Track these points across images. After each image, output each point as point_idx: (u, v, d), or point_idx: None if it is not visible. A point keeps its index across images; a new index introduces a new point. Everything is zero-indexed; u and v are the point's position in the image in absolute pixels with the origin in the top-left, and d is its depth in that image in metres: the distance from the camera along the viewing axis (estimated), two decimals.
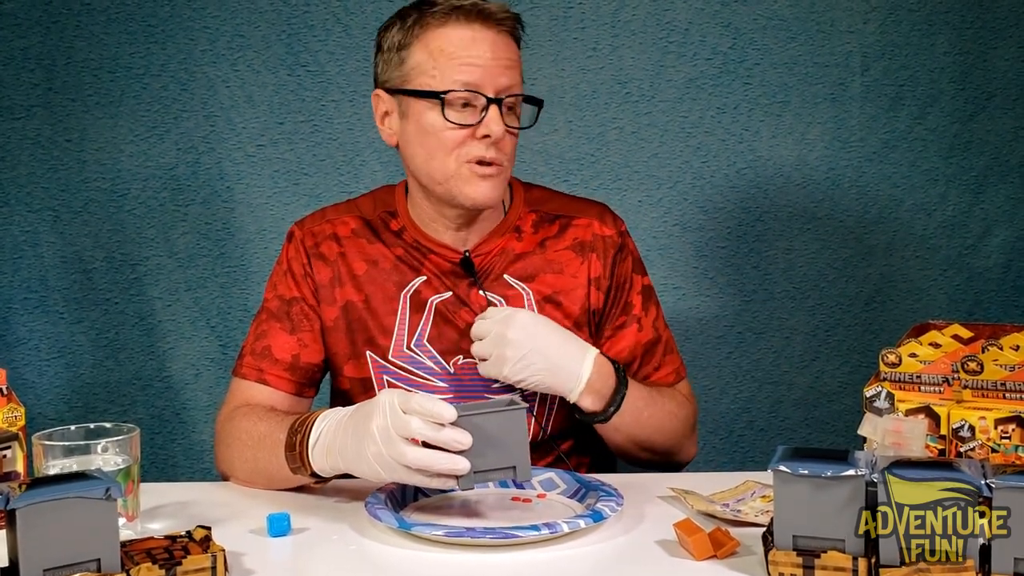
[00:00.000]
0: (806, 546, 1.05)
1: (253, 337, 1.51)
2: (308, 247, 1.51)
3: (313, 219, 1.55)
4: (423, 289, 1.49)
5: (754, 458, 2.16)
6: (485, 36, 1.39)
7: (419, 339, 1.48)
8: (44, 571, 1.00)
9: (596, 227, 1.53)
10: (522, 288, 1.50)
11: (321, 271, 1.50)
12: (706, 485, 1.34)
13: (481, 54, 1.38)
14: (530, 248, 1.51)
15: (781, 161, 2.15)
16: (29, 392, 2.10)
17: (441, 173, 1.42)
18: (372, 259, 1.50)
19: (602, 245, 1.52)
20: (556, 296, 1.50)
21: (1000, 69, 2.12)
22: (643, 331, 1.53)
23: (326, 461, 1.25)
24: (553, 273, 1.51)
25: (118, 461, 1.20)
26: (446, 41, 1.39)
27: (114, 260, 2.14)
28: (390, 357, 1.48)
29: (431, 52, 1.40)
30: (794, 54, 2.13)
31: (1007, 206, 2.14)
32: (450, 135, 1.39)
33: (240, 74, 2.12)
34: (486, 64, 1.38)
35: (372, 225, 1.52)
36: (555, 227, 1.53)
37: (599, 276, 1.51)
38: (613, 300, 1.53)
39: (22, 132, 2.11)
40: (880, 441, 1.24)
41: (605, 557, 1.15)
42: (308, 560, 1.15)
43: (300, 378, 1.49)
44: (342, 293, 1.50)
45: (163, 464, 2.14)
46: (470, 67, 1.38)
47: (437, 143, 1.40)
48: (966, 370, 1.25)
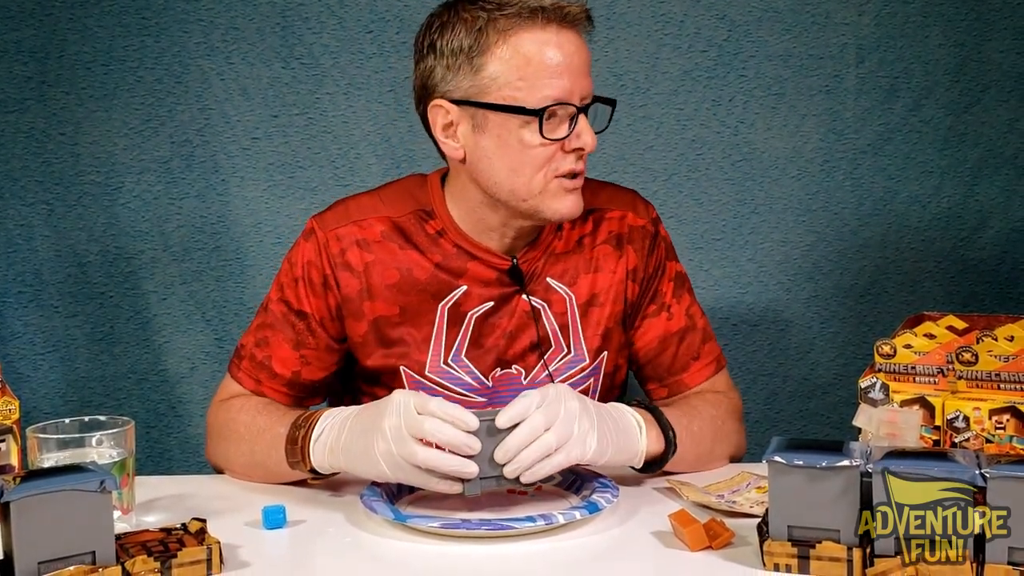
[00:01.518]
0: (801, 536, 1.05)
1: (254, 339, 1.43)
2: (333, 254, 1.39)
3: (336, 217, 1.41)
4: (463, 300, 1.40)
5: (749, 450, 2.14)
6: (569, 39, 1.30)
7: (456, 354, 1.41)
8: (39, 564, 1.00)
9: (630, 218, 1.48)
10: (565, 292, 1.43)
11: (348, 283, 1.39)
12: (701, 476, 1.34)
13: (567, 61, 1.29)
14: (570, 247, 1.45)
15: (776, 153, 2.14)
16: (24, 386, 2.09)
17: (527, 190, 1.32)
18: (405, 267, 1.39)
19: (638, 236, 1.47)
20: (597, 297, 1.45)
21: (995, 61, 2.12)
22: (673, 319, 1.48)
23: (327, 459, 1.24)
24: (594, 272, 1.45)
25: (113, 454, 1.20)
26: (531, 48, 1.28)
27: (109, 253, 2.13)
28: (427, 373, 1.41)
29: (515, 61, 1.28)
30: (789, 46, 2.12)
31: (1002, 198, 2.14)
32: (542, 152, 1.30)
33: (235, 67, 2.11)
34: (572, 72, 1.29)
35: (402, 228, 1.41)
36: (589, 223, 1.46)
37: (635, 268, 1.46)
38: (645, 290, 1.48)
39: (15, 126, 2.10)
40: (875, 432, 1.24)
41: (600, 548, 1.15)
42: (304, 552, 1.15)
43: (299, 392, 1.43)
44: (372, 307, 1.39)
45: (158, 458, 2.14)
46: (560, 78, 1.28)
47: (527, 160, 1.31)
48: (961, 361, 1.26)
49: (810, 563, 1.04)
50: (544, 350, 1.43)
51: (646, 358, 1.49)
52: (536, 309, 1.42)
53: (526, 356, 1.43)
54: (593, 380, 1.46)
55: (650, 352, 1.48)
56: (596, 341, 1.45)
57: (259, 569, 1.10)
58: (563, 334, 1.44)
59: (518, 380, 1.44)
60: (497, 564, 1.11)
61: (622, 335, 1.48)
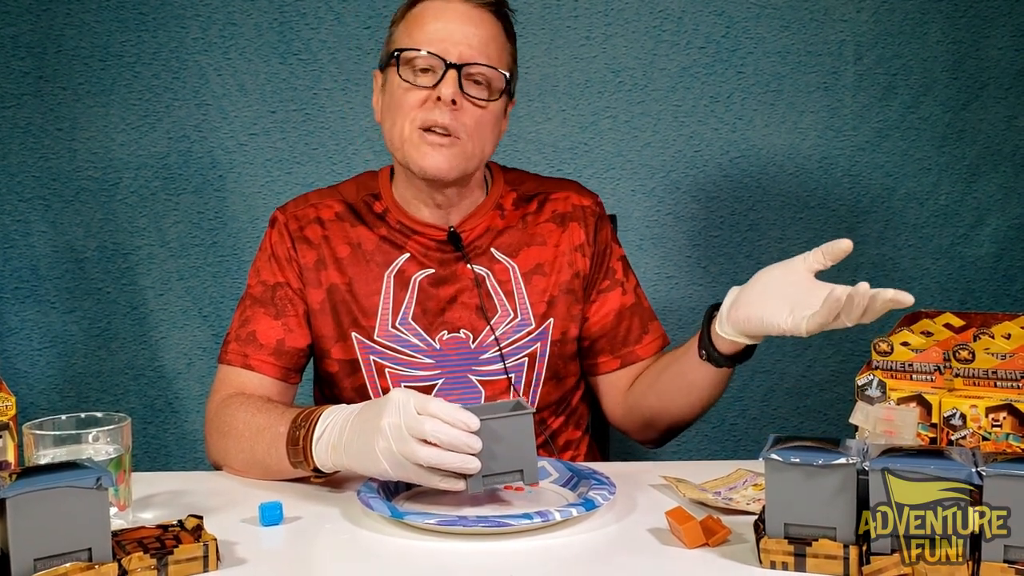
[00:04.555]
0: (797, 534, 1.05)
1: (238, 323, 1.51)
2: (292, 231, 1.52)
3: (296, 204, 1.55)
4: (407, 267, 1.50)
5: (746, 447, 2.17)
6: (461, 10, 1.42)
7: (404, 317, 1.49)
8: (35, 560, 0.99)
9: (574, 198, 1.57)
10: (508, 262, 1.52)
11: (306, 254, 1.51)
12: (698, 473, 1.34)
13: (449, 23, 1.41)
14: (512, 223, 1.54)
15: (774, 150, 2.15)
16: (21, 382, 2.09)
17: (399, 138, 1.43)
18: (355, 242, 1.51)
19: (581, 214, 1.56)
20: (541, 267, 1.52)
21: (993, 58, 2.12)
22: (627, 295, 1.57)
23: (330, 457, 1.24)
24: (537, 246, 1.53)
25: (109, 451, 1.20)
26: (423, 11, 1.43)
27: (106, 249, 2.13)
28: (376, 337, 1.49)
29: (409, 21, 1.44)
30: (787, 43, 2.12)
31: (999, 195, 2.15)
32: (407, 97, 1.41)
33: (232, 63, 2.11)
34: (452, 34, 1.41)
35: (355, 208, 1.53)
36: (533, 204, 1.56)
37: (582, 243, 1.55)
38: (597, 265, 1.56)
39: (12, 121, 2.10)
40: (872, 429, 1.24)
41: (597, 545, 1.15)
42: (300, 549, 1.15)
43: (285, 363, 1.49)
44: (326, 276, 1.50)
45: (155, 454, 2.14)
46: (435, 33, 1.40)
47: (395, 104, 1.42)
48: (958, 358, 1.26)
49: (806, 561, 1.04)
50: (490, 316, 1.49)
51: (602, 331, 1.55)
52: (479, 276, 1.50)
53: (473, 321, 1.50)
54: (540, 344, 1.51)
55: (607, 325, 1.55)
56: (542, 307, 1.52)
57: (256, 566, 1.10)
58: (508, 300, 1.51)
59: (466, 344, 1.49)
60: (494, 561, 1.11)
61: (571, 305, 1.53)
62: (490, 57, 1.42)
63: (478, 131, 1.43)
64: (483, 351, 1.49)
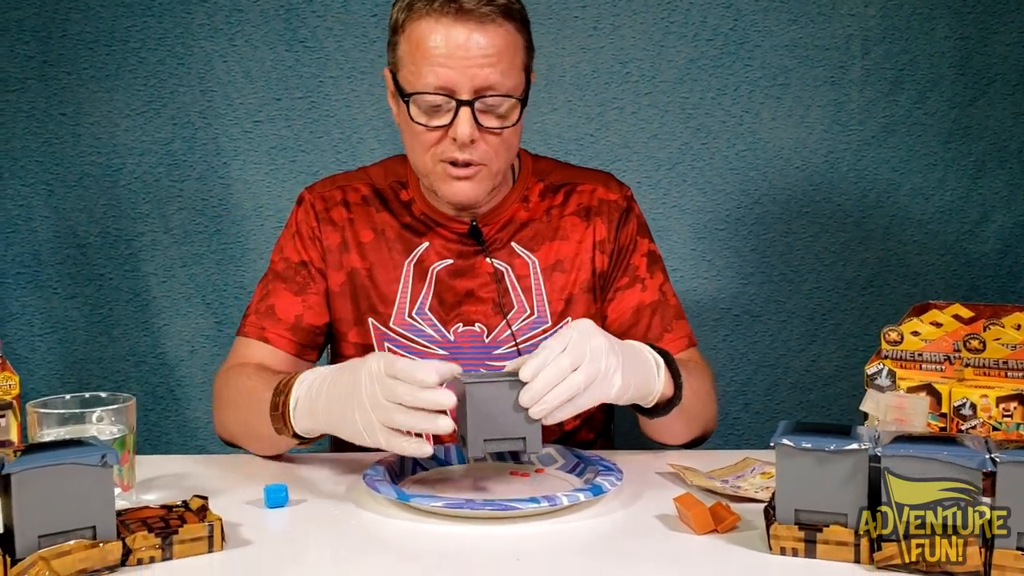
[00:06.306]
0: (808, 520, 1.04)
1: (258, 298, 1.51)
2: (318, 210, 1.51)
3: (324, 184, 1.54)
4: (426, 256, 1.48)
5: (750, 440, 2.16)
6: (462, 32, 1.32)
7: (420, 308, 1.48)
8: (39, 537, 0.99)
9: (601, 192, 1.53)
10: (528, 257, 1.49)
11: (330, 236, 1.50)
12: (705, 462, 1.33)
13: (453, 53, 1.32)
14: (536, 216, 1.51)
15: (780, 143, 2.14)
16: (22, 367, 2.08)
17: (422, 167, 1.41)
18: (379, 228, 1.50)
19: (607, 209, 1.52)
20: (562, 264, 1.50)
21: (1000, 54, 2.12)
22: (647, 292, 1.51)
23: (308, 422, 1.24)
24: (559, 240, 1.50)
25: (113, 431, 1.19)
26: (422, 36, 1.33)
27: (109, 235, 2.12)
28: (391, 324, 1.48)
29: (411, 46, 1.35)
30: (795, 36, 2.12)
31: (1005, 191, 2.14)
32: (426, 134, 1.37)
33: (238, 49, 2.10)
34: (458, 65, 1.32)
35: (382, 194, 1.52)
36: (560, 195, 1.53)
37: (603, 240, 1.51)
38: (616, 263, 1.52)
39: (16, 105, 2.09)
40: (883, 417, 1.24)
41: (605, 530, 1.15)
42: (306, 531, 1.15)
43: (302, 339, 1.48)
44: (348, 259, 1.50)
45: (156, 441, 2.13)
46: (442, 68, 1.32)
47: (414, 138, 1.39)
48: (968, 348, 1.25)
49: (817, 547, 1.03)
50: (507, 311, 1.47)
51: (620, 329, 1.49)
52: (499, 271, 1.48)
53: (489, 315, 1.48)
54: None
55: (624, 323, 1.49)
56: (559, 305, 1.49)
57: (261, 547, 1.09)
58: (526, 296, 1.48)
59: (480, 338, 1.48)
60: (500, 545, 1.10)
61: (589, 304, 1.50)
62: (504, 73, 1.34)
63: (501, 151, 1.39)
64: (497, 346, 1.47)
